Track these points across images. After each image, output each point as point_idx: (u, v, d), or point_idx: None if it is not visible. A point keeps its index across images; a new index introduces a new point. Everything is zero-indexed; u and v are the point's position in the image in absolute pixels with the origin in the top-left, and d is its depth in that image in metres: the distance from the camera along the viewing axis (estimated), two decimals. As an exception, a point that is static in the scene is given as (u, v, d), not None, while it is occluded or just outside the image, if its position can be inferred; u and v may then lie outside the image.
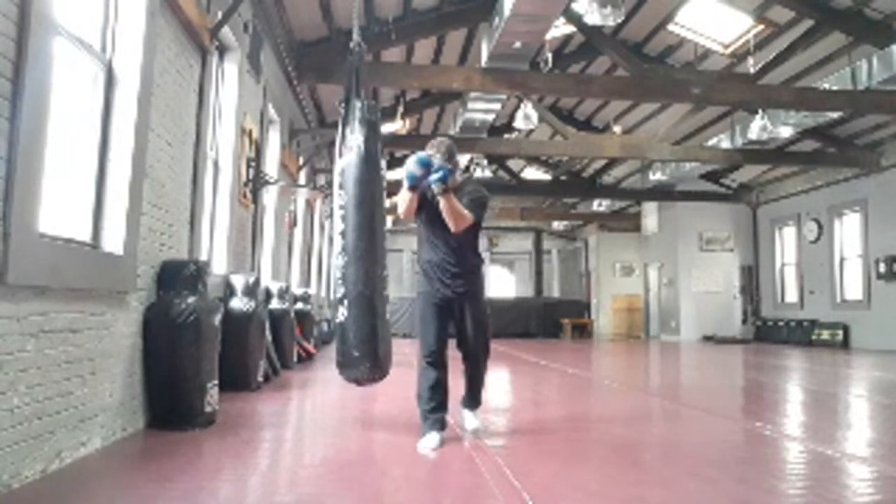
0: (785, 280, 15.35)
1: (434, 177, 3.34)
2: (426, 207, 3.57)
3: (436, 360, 3.52)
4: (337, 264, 3.73)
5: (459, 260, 3.58)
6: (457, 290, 3.57)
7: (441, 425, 3.47)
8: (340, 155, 3.81)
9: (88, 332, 2.97)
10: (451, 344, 3.65)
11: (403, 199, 3.50)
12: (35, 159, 2.45)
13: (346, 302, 3.64)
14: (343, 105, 3.85)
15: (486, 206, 3.64)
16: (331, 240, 10.79)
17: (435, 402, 3.47)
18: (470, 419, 3.78)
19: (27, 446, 2.48)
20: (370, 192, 3.71)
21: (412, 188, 3.43)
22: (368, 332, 3.63)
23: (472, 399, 3.78)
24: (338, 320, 3.71)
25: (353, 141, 3.73)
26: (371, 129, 3.74)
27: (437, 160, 3.44)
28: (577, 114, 13.77)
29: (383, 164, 3.91)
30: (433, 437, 3.36)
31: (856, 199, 12.79)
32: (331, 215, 8.97)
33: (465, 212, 3.45)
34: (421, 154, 3.46)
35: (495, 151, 13.04)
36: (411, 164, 3.40)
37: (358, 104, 3.78)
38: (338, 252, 3.73)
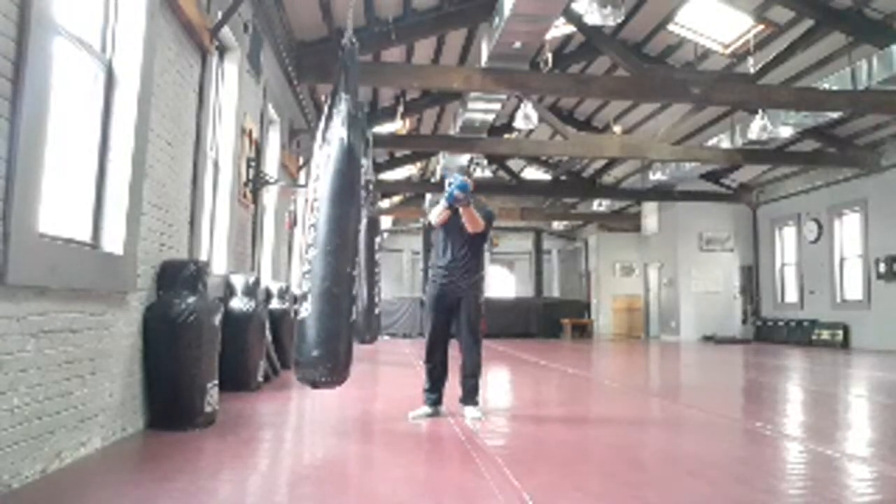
0: (785, 280, 15.34)
1: (456, 184, 4.09)
2: (449, 221, 4.30)
3: (434, 354, 4.27)
4: (305, 258, 3.54)
5: (465, 266, 4.26)
6: (460, 288, 4.23)
7: (432, 402, 4.22)
8: (321, 147, 3.72)
9: (88, 332, 2.97)
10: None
11: (439, 212, 4.28)
12: (35, 159, 2.45)
13: (310, 297, 3.44)
14: (329, 98, 3.79)
15: (492, 220, 4.43)
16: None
17: (430, 384, 4.26)
18: (468, 411, 4.16)
19: (27, 446, 2.48)
20: (348, 185, 3.56)
21: (450, 206, 4.19)
22: (332, 331, 3.43)
23: (468, 393, 4.22)
24: (299, 316, 3.51)
25: (334, 133, 3.64)
26: (354, 124, 3.63)
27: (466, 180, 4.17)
28: (577, 114, 13.77)
29: (364, 162, 3.80)
30: (422, 409, 4.20)
31: (856, 199, 12.79)
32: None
33: (480, 220, 4.23)
34: (460, 183, 4.17)
35: (495, 151, 13.04)
36: (455, 189, 4.12)
37: (344, 98, 3.71)
38: (307, 244, 3.57)
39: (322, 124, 3.75)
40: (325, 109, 3.78)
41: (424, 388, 4.30)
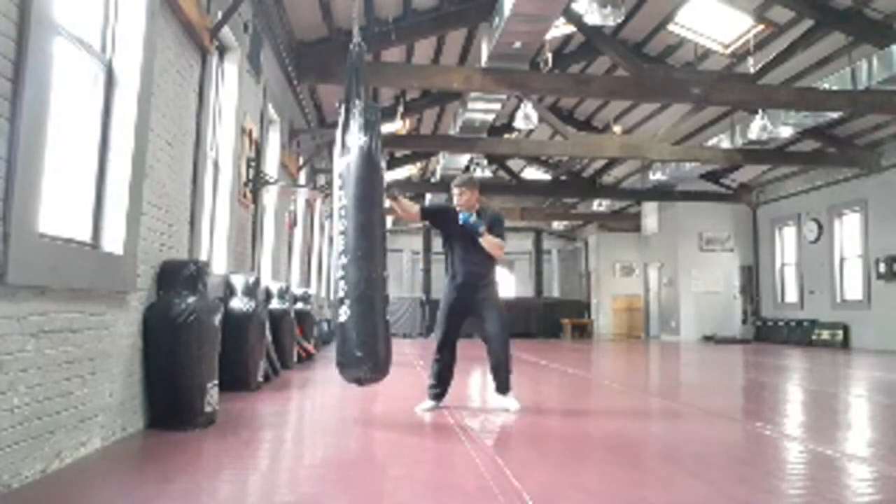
0: (785, 280, 15.35)
1: (474, 225, 4.29)
2: (455, 235, 4.40)
3: (443, 352, 4.39)
4: (338, 264, 3.74)
5: (480, 273, 4.37)
6: (478, 292, 4.35)
7: (436, 398, 4.38)
8: (341, 155, 3.83)
9: (88, 332, 2.96)
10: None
11: (407, 210, 4.40)
12: (35, 159, 2.45)
13: (347, 302, 3.66)
14: (342, 105, 3.86)
15: (503, 226, 4.50)
16: (331, 240, 10.82)
17: (435, 382, 4.41)
18: (503, 401, 4.42)
19: (27, 446, 2.48)
20: (370, 191, 3.75)
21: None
22: (370, 332, 3.68)
23: (500, 385, 4.45)
24: (339, 320, 3.73)
25: (352, 141, 3.75)
26: (371, 129, 3.77)
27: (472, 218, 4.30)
28: (577, 114, 13.77)
29: (383, 164, 3.93)
30: (427, 402, 4.36)
31: (856, 199, 12.79)
32: (331, 215, 8.99)
33: (498, 241, 4.34)
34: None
35: (495, 151, 13.04)
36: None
37: (358, 104, 3.79)
38: (339, 252, 3.74)
39: (340, 131, 3.83)
40: (341, 116, 3.84)
41: (429, 385, 4.42)
